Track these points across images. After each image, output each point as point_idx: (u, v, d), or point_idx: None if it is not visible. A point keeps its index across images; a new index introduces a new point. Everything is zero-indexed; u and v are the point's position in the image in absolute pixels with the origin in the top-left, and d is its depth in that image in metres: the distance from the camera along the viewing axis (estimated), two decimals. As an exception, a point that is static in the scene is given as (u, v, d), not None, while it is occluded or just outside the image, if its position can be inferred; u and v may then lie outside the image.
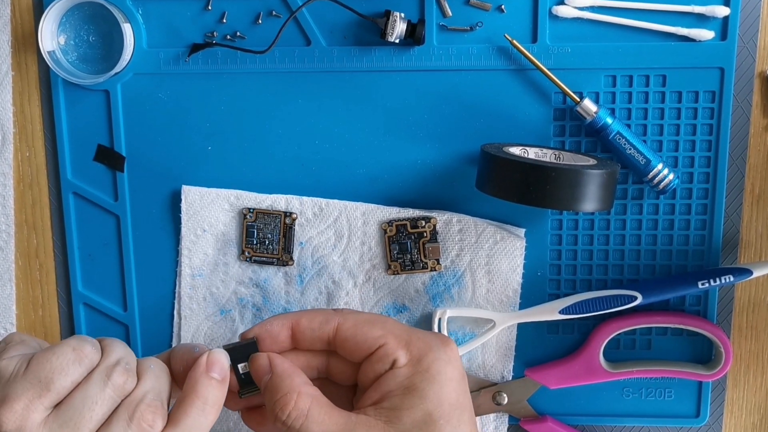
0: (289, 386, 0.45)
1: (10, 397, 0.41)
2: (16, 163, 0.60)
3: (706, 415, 0.60)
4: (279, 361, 0.46)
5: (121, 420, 0.42)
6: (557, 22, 0.56)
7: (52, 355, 0.42)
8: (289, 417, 0.44)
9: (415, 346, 0.46)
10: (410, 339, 0.46)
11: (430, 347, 0.46)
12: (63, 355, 0.42)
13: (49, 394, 0.41)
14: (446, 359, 0.46)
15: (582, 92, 0.57)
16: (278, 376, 0.45)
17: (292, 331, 0.48)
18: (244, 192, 0.59)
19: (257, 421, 0.49)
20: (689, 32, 0.56)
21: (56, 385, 0.41)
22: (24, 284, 0.62)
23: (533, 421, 0.60)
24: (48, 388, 0.41)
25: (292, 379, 0.45)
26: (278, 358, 0.46)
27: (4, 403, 0.41)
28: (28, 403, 0.41)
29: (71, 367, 0.42)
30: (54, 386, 0.41)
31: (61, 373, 0.42)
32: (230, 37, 0.58)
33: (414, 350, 0.46)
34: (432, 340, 0.47)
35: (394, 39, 0.55)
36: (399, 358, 0.46)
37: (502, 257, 0.59)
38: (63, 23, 0.58)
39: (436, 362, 0.45)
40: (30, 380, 0.41)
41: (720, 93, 0.56)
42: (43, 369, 0.41)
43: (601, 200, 0.52)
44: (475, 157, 0.58)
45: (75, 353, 0.42)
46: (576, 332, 0.60)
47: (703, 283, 0.56)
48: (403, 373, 0.45)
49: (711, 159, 0.57)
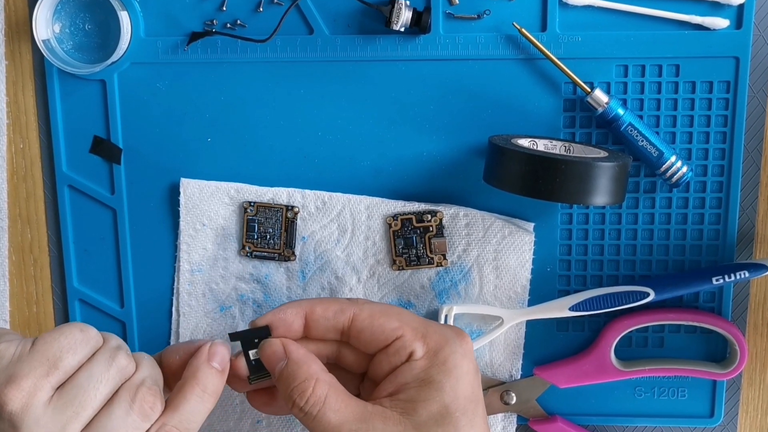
0: (307, 373, 0.46)
1: (18, 376, 0.41)
2: (9, 155, 0.60)
3: (721, 415, 0.60)
4: (294, 347, 0.47)
5: (123, 401, 0.43)
6: (567, 9, 0.56)
7: (59, 335, 0.42)
8: (306, 403, 0.45)
9: (432, 338, 0.47)
10: (427, 331, 0.47)
11: (446, 340, 0.47)
12: (71, 335, 0.43)
13: (57, 372, 0.42)
14: (462, 352, 0.47)
15: (593, 82, 0.56)
16: (295, 363, 0.46)
17: (306, 319, 0.48)
18: (245, 185, 0.58)
19: (263, 401, 0.50)
20: (703, 20, 0.55)
21: (64, 363, 0.42)
22: (18, 280, 0.61)
23: (542, 421, 0.59)
24: (56, 366, 0.42)
25: (309, 365, 0.46)
26: (293, 344, 0.47)
27: (10, 383, 0.41)
28: (36, 381, 0.41)
29: (79, 346, 0.43)
30: (62, 365, 0.42)
31: (69, 352, 0.42)
32: (230, 26, 0.57)
33: (431, 343, 0.47)
34: (448, 333, 0.48)
35: (399, 27, 0.55)
36: (416, 351, 0.47)
37: (510, 252, 0.58)
38: (58, 11, 0.57)
39: (452, 355, 0.46)
40: (38, 359, 0.42)
41: (735, 83, 0.56)
42: (50, 348, 0.42)
43: (612, 194, 0.51)
44: (482, 149, 0.57)
45: (82, 334, 0.43)
46: (586, 330, 0.59)
47: (718, 279, 0.55)
48: (420, 365, 0.46)
49: (726, 151, 0.57)
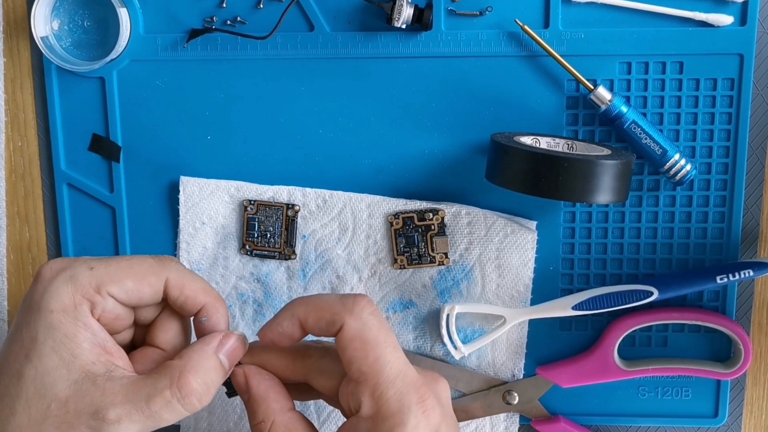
0: (264, 413, 0.44)
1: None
2: (7, 153, 0.59)
3: (725, 415, 0.59)
4: (256, 381, 0.45)
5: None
6: (570, 6, 0.55)
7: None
8: None
9: (384, 399, 0.42)
10: (385, 389, 0.42)
11: (400, 408, 0.42)
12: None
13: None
14: (414, 426, 0.41)
15: (596, 79, 0.56)
16: (254, 399, 0.45)
17: (300, 323, 0.45)
18: (245, 183, 0.58)
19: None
20: (707, 17, 0.55)
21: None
22: (16, 279, 0.61)
23: (545, 422, 0.59)
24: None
25: (267, 404, 0.44)
26: (254, 378, 0.45)
27: None
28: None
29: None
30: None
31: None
32: (230, 23, 0.57)
33: (381, 405, 0.42)
34: (408, 398, 0.42)
35: (400, 24, 0.54)
36: (363, 406, 0.42)
37: (512, 251, 0.57)
38: (56, 7, 0.57)
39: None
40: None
41: (739, 80, 0.55)
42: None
43: (615, 192, 0.51)
44: (484, 147, 0.57)
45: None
46: (589, 329, 0.59)
47: (722, 278, 0.55)
48: (364, 428, 0.42)
49: (730, 149, 0.56)
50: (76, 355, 0.42)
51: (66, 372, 0.41)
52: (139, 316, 0.47)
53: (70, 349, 0.42)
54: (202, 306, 0.46)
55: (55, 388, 0.41)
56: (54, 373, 0.41)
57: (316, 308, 0.44)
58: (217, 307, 0.46)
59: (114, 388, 0.41)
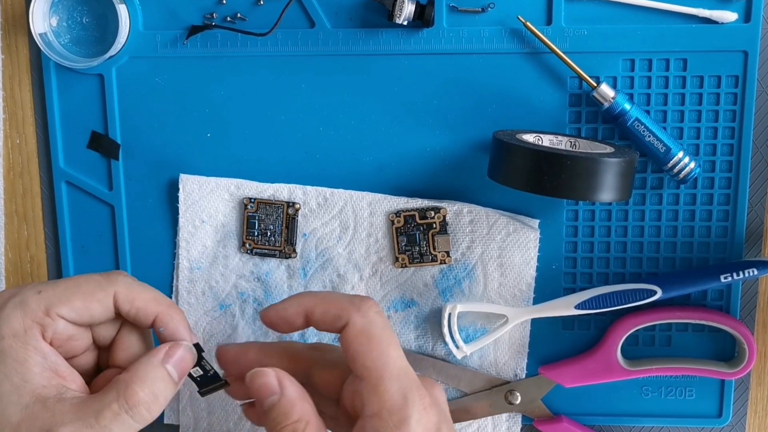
0: (300, 413, 0.44)
1: None
2: (6, 150, 0.59)
3: (729, 415, 0.59)
4: (289, 383, 0.45)
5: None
6: (573, 3, 0.55)
7: None
8: None
9: (391, 395, 0.43)
10: (391, 383, 0.43)
11: (405, 404, 0.43)
12: None
13: None
14: (417, 421, 0.43)
15: (599, 77, 0.55)
16: (289, 401, 0.45)
17: (306, 313, 0.47)
18: (245, 181, 0.58)
19: (259, 416, 0.48)
20: (711, 14, 0.55)
21: None
22: (14, 278, 0.61)
23: (548, 421, 0.59)
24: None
25: (302, 405, 0.45)
26: (288, 379, 0.45)
27: None
28: None
29: None
30: None
31: None
32: (230, 19, 0.57)
33: (387, 400, 0.43)
34: (412, 393, 0.43)
35: (402, 21, 0.54)
36: (367, 402, 0.43)
37: (515, 249, 0.57)
38: (55, 4, 0.57)
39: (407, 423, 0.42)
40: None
41: (743, 77, 0.55)
42: None
43: (618, 190, 0.51)
44: (486, 145, 0.57)
45: None
46: (592, 328, 0.59)
47: (726, 277, 0.55)
48: (370, 427, 0.43)
49: (734, 147, 0.56)
50: (26, 379, 0.43)
51: (17, 397, 0.42)
52: (98, 335, 0.47)
53: (20, 374, 0.43)
54: (155, 316, 0.46)
55: (6, 412, 0.42)
56: (5, 398, 0.42)
57: (324, 301, 0.46)
58: (171, 315, 0.47)
59: (64, 409, 0.42)
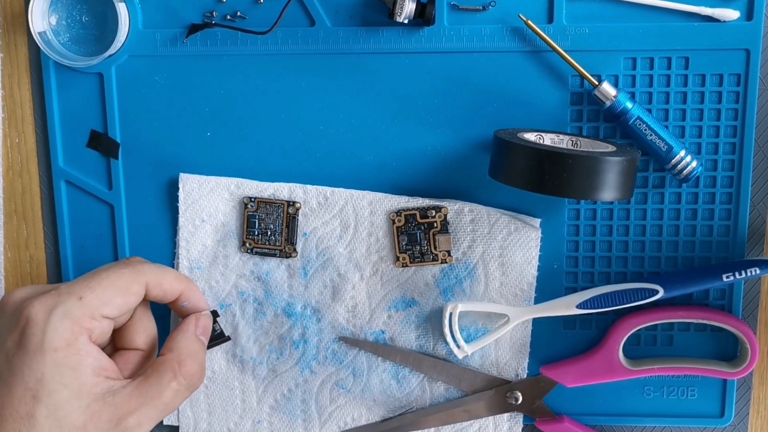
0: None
1: None
2: (5, 149, 0.59)
3: (731, 415, 0.59)
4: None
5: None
6: (574, 1, 0.55)
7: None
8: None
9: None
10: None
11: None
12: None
13: None
14: None
15: (600, 75, 0.55)
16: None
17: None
18: (245, 180, 0.58)
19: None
20: (713, 12, 0.54)
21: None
22: (13, 277, 0.60)
23: (549, 422, 0.59)
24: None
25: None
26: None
27: None
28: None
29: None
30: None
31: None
32: (230, 17, 0.56)
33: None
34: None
35: (402, 19, 0.54)
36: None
37: (516, 249, 0.57)
38: (54, 2, 0.56)
39: None
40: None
41: (746, 76, 0.55)
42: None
43: (620, 189, 0.51)
44: (487, 144, 0.57)
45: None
46: (594, 328, 0.59)
47: (728, 276, 0.54)
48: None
49: (736, 145, 0.56)
50: (82, 383, 0.46)
51: (77, 401, 0.46)
52: (118, 321, 0.51)
53: (77, 380, 0.46)
54: (180, 293, 0.52)
55: (70, 418, 0.45)
56: (66, 405, 0.46)
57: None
58: (193, 290, 0.53)
59: (124, 399, 0.47)
